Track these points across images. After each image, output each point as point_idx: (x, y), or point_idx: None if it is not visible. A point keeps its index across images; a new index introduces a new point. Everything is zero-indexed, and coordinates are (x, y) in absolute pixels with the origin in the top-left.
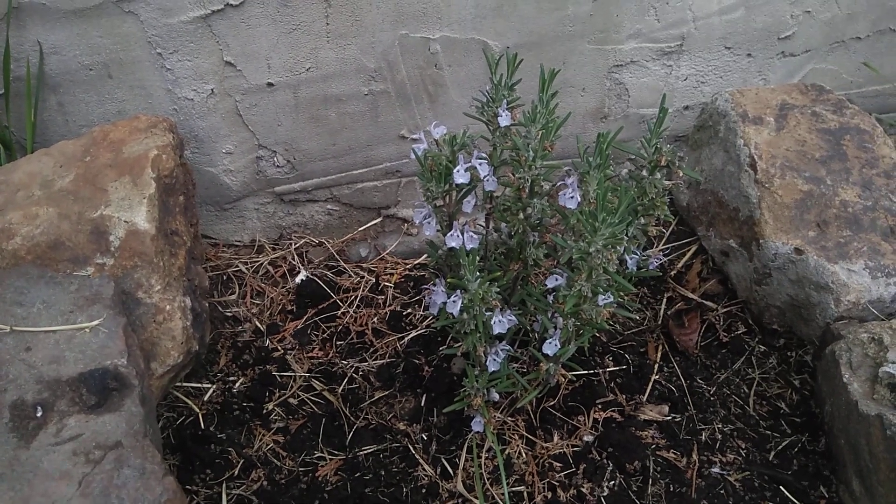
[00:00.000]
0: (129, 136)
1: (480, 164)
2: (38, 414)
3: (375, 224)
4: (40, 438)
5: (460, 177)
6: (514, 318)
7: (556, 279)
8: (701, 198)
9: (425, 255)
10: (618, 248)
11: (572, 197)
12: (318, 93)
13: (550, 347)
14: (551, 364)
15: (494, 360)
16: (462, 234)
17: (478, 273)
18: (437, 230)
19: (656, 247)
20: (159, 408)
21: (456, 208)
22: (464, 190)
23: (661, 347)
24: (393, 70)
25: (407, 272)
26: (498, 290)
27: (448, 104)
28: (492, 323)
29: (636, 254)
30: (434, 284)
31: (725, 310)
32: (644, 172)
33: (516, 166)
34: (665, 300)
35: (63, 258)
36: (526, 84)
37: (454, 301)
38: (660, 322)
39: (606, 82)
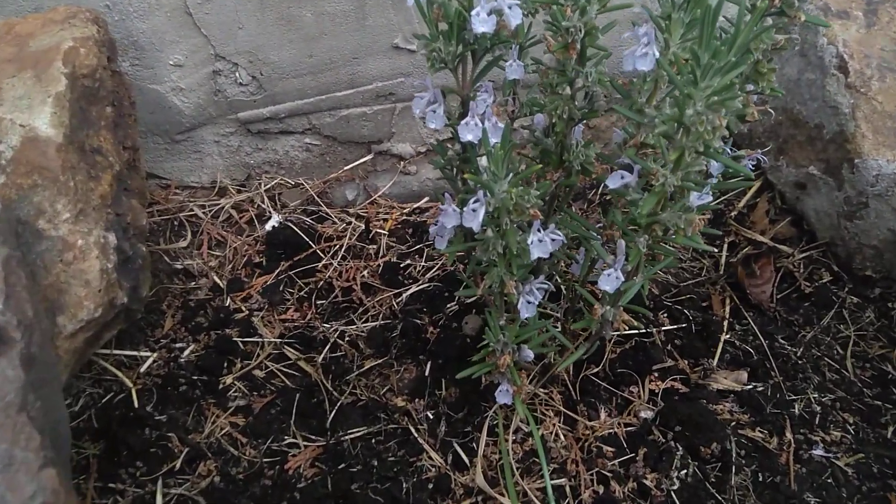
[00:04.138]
0: (41, 28)
1: (511, 8)
2: None
3: (365, 162)
4: None
5: (481, 23)
6: (559, 235)
7: (623, 177)
8: (766, 119)
9: (427, 199)
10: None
11: (645, 53)
12: None
13: (610, 282)
14: (608, 307)
15: (529, 301)
16: (482, 122)
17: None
18: (447, 122)
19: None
20: (81, 380)
21: (472, 92)
22: (484, 54)
23: (728, 301)
24: None
25: (404, 217)
26: (538, 192)
27: None
28: (528, 244)
29: (725, 151)
30: (443, 204)
31: (804, 255)
32: (747, 18)
33: (558, 20)
34: (726, 246)
35: None
36: None
37: (474, 209)
38: (722, 271)
39: None
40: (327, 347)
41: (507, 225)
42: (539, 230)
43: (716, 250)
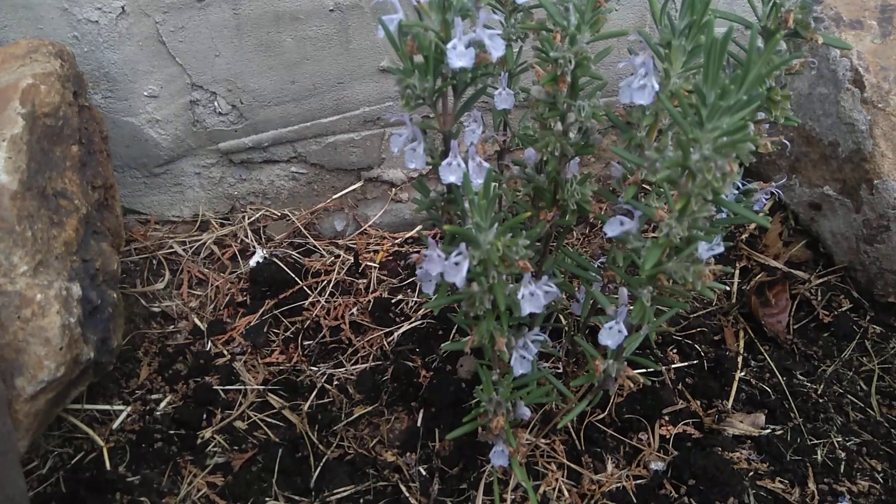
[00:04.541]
0: (1, 65)
1: (492, 38)
2: None
3: (354, 190)
4: None
5: (459, 57)
6: (553, 287)
7: (622, 223)
8: (777, 135)
9: (420, 227)
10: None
11: (643, 86)
12: (265, 8)
13: (612, 336)
14: (611, 361)
15: (523, 357)
16: (465, 163)
17: (494, 215)
18: (428, 161)
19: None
20: (49, 439)
21: (455, 127)
22: (465, 88)
23: (742, 333)
24: None
25: (396, 248)
26: (527, 242)
27: None
28: (518, 298)
29: (736, 186)
30: (427, 247)
31: (821, 280)
32: (758, 42)
33: (546, 50)
34: (738, 272)
35: None
36: None
37: (456, 263)
38: (734, 300)
39: None
40: (314, 393)
41: (494, 279)
42: (530, 283)
43: (726, 286)
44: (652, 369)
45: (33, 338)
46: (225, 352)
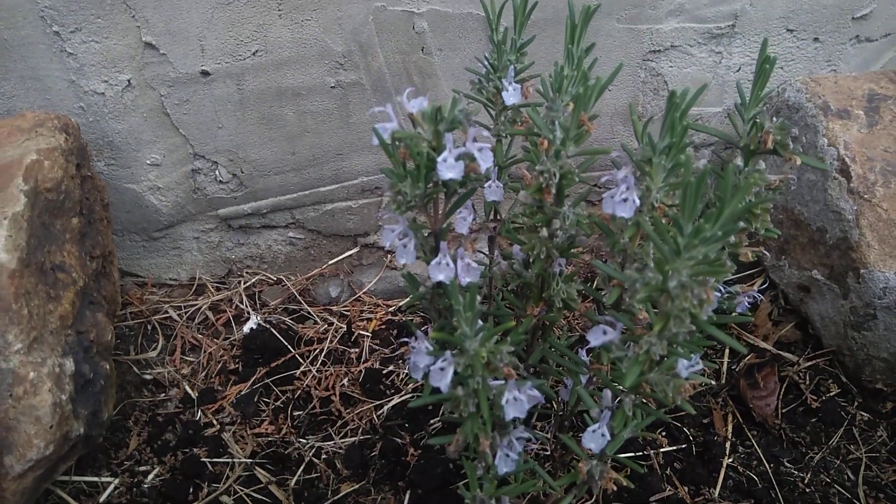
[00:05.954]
0: (7, 137)
1: (481, 151)
2: None
3: (350, 256)
4: None
5: (448, 169)
6: (536, 392)
7: (605, 332)
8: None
9: (404, 304)
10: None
11: (625, 199)
12: (269, 85)
13: (595, 439)
14: (595, 462)
15: (508, 456)
16: (454, 262)
17: (480, 322)
18: (418, 256)
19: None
20: None
21: (445, 226)
22: (455, 192)
23: (731, 417)
24: (367, 55)
25: (389, 317)
26: (511, 349)
27: (439, 99)
28: (503, 403)
29: (719, 290)
30: (416, 339)
31: (809, 363)
32: (737, 161)
33: (535, 157)
34: (727, 352)
35: None
36: (539, 67)
37: (441, 368)
38: (723, 381)
39: (640, 73)
40: (301, 468)
41: (478, 384)
42: (514, 388)
43: (713, 382)
44: (639, 467)
45: (24, 416)
46: (214, 421)
